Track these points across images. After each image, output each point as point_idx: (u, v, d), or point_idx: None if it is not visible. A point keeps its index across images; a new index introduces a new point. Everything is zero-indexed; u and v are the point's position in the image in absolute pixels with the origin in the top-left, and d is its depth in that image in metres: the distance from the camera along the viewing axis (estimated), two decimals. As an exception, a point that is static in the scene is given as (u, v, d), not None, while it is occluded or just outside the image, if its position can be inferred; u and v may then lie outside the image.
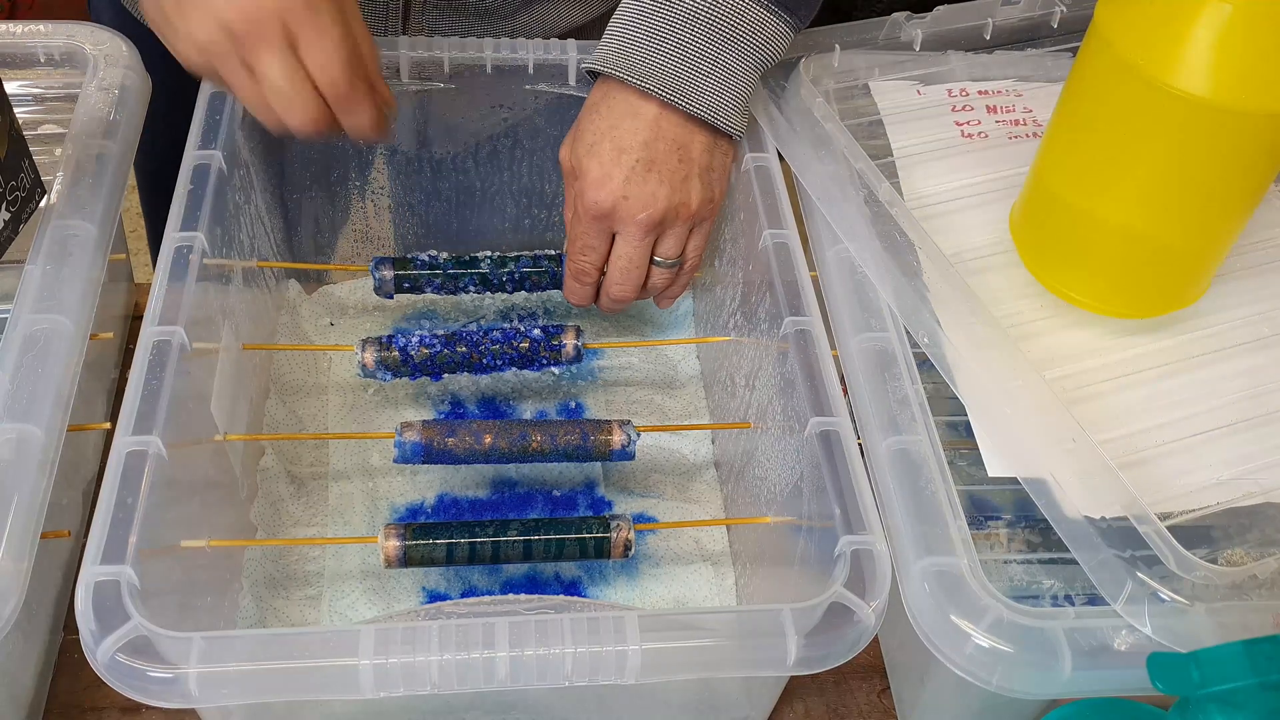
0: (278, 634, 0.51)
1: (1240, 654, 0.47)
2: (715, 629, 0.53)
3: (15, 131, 0.64)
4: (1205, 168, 0.58)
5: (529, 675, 0.51)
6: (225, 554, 0.67)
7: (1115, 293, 0.65)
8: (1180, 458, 0.60)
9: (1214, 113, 0.56)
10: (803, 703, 0.69)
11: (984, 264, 0.69)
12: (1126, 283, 0.65)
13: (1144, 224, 0.61)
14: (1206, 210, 0.61)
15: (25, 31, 0.76)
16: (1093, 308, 0.65)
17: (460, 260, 0.79)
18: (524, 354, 0.75)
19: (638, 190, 0.68)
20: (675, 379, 0.86)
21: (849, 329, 0.64)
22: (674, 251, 0.72)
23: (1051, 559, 0.60)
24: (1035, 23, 0.82)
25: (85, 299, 0.62)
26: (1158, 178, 0.60)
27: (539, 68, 0.79)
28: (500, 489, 0.78)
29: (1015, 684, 0.52)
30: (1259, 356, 0.65)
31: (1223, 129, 0.56)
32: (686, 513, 0.77)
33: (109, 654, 0.49)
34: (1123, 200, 0.61)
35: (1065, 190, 0.64)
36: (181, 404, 0.60)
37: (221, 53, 0.61)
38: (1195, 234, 0.62)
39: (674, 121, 0.69)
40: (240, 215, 0.75)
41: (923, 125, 0.77)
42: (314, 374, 0.83)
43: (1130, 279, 0.65)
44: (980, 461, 0.59)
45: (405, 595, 0.71)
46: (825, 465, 0.59)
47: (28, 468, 0.54)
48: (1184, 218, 0.61)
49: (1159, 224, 0.61)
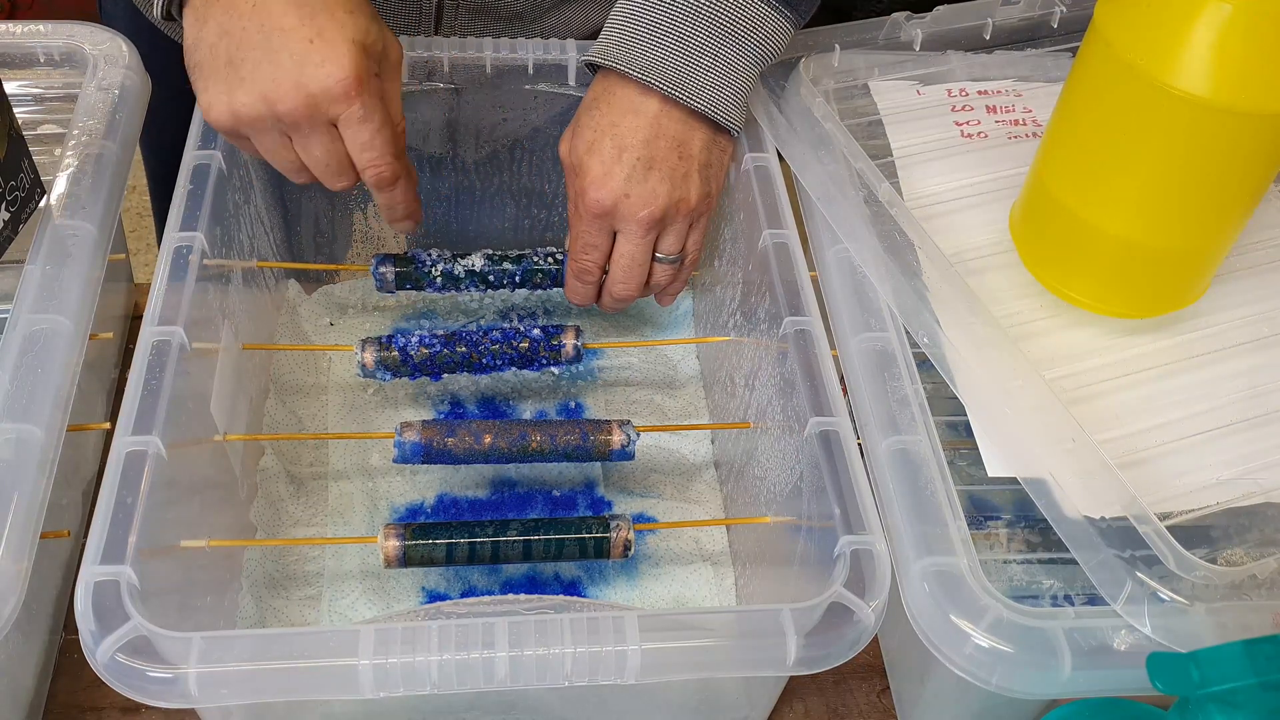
0: (277, 634, 0.51)
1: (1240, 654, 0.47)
2: (715, 629, 0.53)
3: (15, 131, 0.64)
4: (1204, 168, 0.58)
5: (529, 675, 0.51)
6: (225, 554, 0.67)
7: (1114, 293, 0.65)
8: (1180, 457, 0.60)
9: (1213, 113, 0.56)
10: (803, 703, 0.69)
11: (983, 264, 0.69)
12: (1126, 283, 0.65)
13: (1143, 224, 0.61)
14: (1206, 210, 0.61)
15: (25, 31, 0.76)
16: (1093, 308, 0.65)
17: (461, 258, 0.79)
18: (524, 354, 0.75)
19: (639, 188, 0.69)
20: (675, 379, 0.86)
21: (849, 329, 0.64)
22: (675, 248, 0.73)
23: (1051, 559, 0.60)
24: (1035, 23, 0.82)
25: (85, 299, 0.62)
26: (1157, 178, 0.60)
27: (539, 68, 0.79)
28: (500, 489, 0.78)
29: (1015, 684, 0.52)
30: (1259, 356, 0.65)
31: (1222, 129, 0.56)
32: (686, 513, 0.77)
33: (109, 654, 0.49)
34: (1122, 201, 0.61)
35: (1064, 190, 0.64)
36: (181, 404, 0.60)
37: (260, 124, 0.62)
38: (1194, 234, 0.62)
39: (674, 118, 0.69)
40: (240, 215, 0.75)
41: (922, 125, 0.77)
42: (314, 374, 0.83)
43: (1129, 279, 0.65)
44: (980, 461, 0.59)
45: (405, 595, 0.71)
46: (825, 465, 0.59)
47: (27, 468, 0.54)
48: (1183, 218, 0.61)
49: (1158, 224, 0.61)
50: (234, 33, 0.60)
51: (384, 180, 0.66)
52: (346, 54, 0.60)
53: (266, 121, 0.61)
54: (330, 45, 0.59)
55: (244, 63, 0.60)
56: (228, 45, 0.60)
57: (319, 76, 0.59)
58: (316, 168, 0.64)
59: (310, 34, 0.59)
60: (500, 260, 0.79)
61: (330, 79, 0.59)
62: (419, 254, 0.79)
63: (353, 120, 0.62)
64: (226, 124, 0.62)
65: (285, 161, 0.64)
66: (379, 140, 0.63)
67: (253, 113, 0.61)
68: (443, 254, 0.79)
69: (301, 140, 0.63)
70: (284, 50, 0.59)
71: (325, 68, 0.59)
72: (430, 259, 0.78)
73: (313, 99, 0.60)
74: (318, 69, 0.59)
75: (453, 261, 0.79)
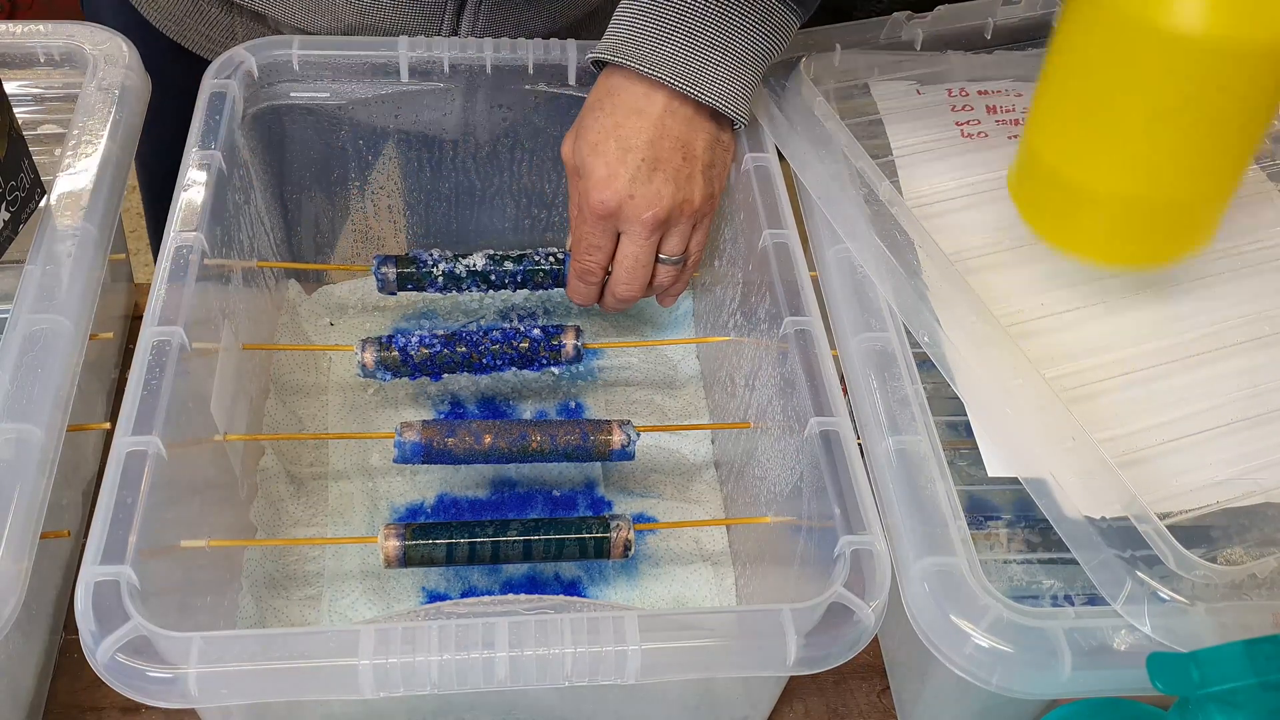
0: (277, 634, 0.51)
1: (1240, 654, 0.47)
2: (715, 629, 0.53)
3: (15, 131, 0.64)
4: (1199, 106, 0.57)
5: (529, 675, 0.51)
6: (225, 554, 0.67)
7: (1115, 240, 0.64)
8: (1180, 457, 0.60)
9: (1205, 48, 0.54)
10: (803, 703, 0.69)
11: (983, 262, 0.69)
12: (1126, 229, 0.63)
13: (1142, 174, 0.60)
14: (1204, 152, 0.59)
15: (25, 31, 0.76)
16: (1094, 256, 0.65)
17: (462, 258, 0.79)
18: (524, 354, 0.75)
19: (643, 190, 0.69)
20: (675, 379, 0.86)
21: (849, 329, 0.64)
22: (678, 249, 0.73)
23: (1051, 559, 0.60)
24: (1035, 22, 0.81)
25: (85, 299, 0.62)
26: (1155, 120, 0.58)
27: (539, 68, 0.79)
28: (500, 489, 0.78)
29: (1015, 684, 0.52)
30: (1259, 355, 0.65)
31: (1216, 64, 0.55)
32: (686, 513, 0.77)
33: (109, 654, 0.49)
34: (1117, 151, 0.60)
35: (1057, 146, 0.63)
36: (181, 404, 0.60)
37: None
38: (1195, 177, 0.61)
39: (679, 118, 0.69)
40: (240, 215, 0.75)
41: (922, 124, 0.77)
42: (314, 374, 0.83)
43: (1130, 225, 0.63)
44: (980, 461, 0.59)
45: (405, 595, 0.71)
46: (825, 465, 0.59)
47: (27, 468, 0.54)
48: (1183, 160, 0.60)
49: (1156, 173, 0.60)
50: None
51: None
52: None
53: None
54: None
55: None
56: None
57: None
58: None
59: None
60: (501, 260, 0.79)
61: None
62: (420, 254, 0.79)
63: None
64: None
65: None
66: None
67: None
68: (444, 254, 0.79)
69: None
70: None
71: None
72: (431, 259, 0.78)
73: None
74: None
75: (454, 261, 0.79)
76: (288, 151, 0.83)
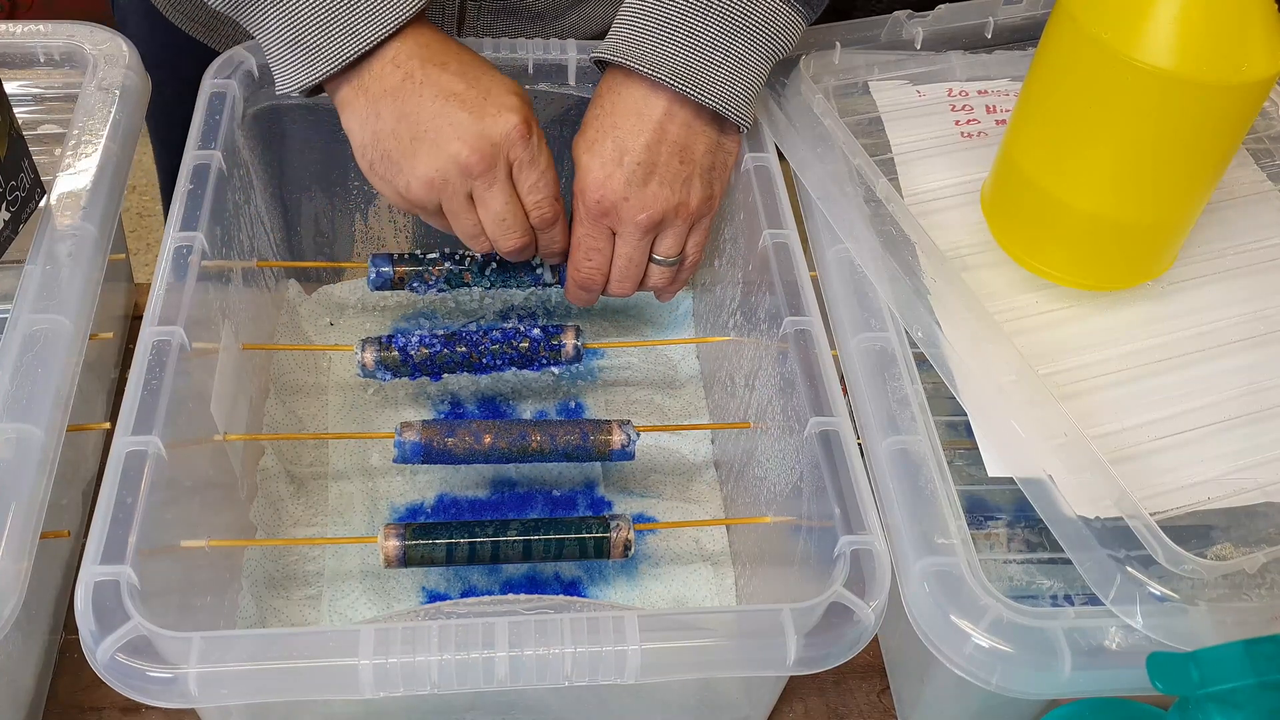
0: (277, 634, 0.51)
1: (1240, 653, 0.47)
2: (715, 629, 0.53)
3: (15, 131, 0.64)
4: (1171, 140, 0.59)
5: (529, 675, 0.51)
6: (225, 554, 0.67)
7: (1080, 265, 0.66)
8: (1174, 454, 0.60)
9: (1178, 85, 0.56)
10: (803, 703, 0.69)
11: (980, 260, 0.69)
12: (1092, 255, 0.65)
13: (1111, 198, 0.62)
14: (1171, 182, 0.62)
15: (25, 31, 0.76)
16: (1062, 281, 0.66)
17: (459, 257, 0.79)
18: (524, 354, 0.75)
19: (637, 192, 0.68)
20: (675, 379, 0.86)
21: (849, 329, 0.64)
22: (674, 250, 0.72)
23: (1051, 559, 0.60)
24: (1035, 22, 0.81)
25: (85, 299, 0.62)
26: (1125, 151, 0.60)
27: (539, 68, 0.79)
28: (500, 489, 0.78)
29: (1015, 684, 0.52)
30: (1253, 354, 0.65)
31: (1187, 101, 0.57)
32: (686, 513, 0.77)
33: (109, 654, 0.49)
34: (1089, 175, 0.62)
35: (1032, 166, 0.64)
36: (181, 404, 0.60)
37: (450, 186, 0.66)
38: (1162, 207, 0.63)
39: (680, 120, 0.69)
40: (240, 215, 0.75)
41: (921, 123, 0.77)
42: (314, 374, 0.83)
43: (1096, 251, 0.65)
44: (980, 461, 0.59)
45: (405, 595, 0.71)
46: (825, 465, 0.59)
47: (27, 468, 0.54)
48: (1150, 190, 0.62)
49: (1125, 198, 0.62)
50: (410, 112, 0.65)
51: (547, 220, 0.70)
52: (514, 103, 0.66)
53: (457, 182, 0.66)
54: (499, 97, 0.66)
55: (427, 133, 0.65)
56: (408, 125, 0.65)
57: (498, 124, 0.65)
58: (495, 224, 0.68)
59: (480, 94, 0.65)
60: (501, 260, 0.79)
61: (508, 125, 0.65)
62: (420, 254, 0.79)
63: (524, 163, 0.67)
64: (423, 195, 0.66)
65: (469, 224, 0.68)
66: (544, 181, 0.68)
67: (445, 175, 0.65)
68: (444, 253, 0.79)
69: (483, 193, 0.67)
70: (461, 112, 0.65)
71: (501, 116, 0.65)
72: (431, 259, 0.78)
73: (496, 146, 0.65)
74: (495, 119, 0.65)
75: (454, 261, 0.78)
76: (288, 151, 0.83)
